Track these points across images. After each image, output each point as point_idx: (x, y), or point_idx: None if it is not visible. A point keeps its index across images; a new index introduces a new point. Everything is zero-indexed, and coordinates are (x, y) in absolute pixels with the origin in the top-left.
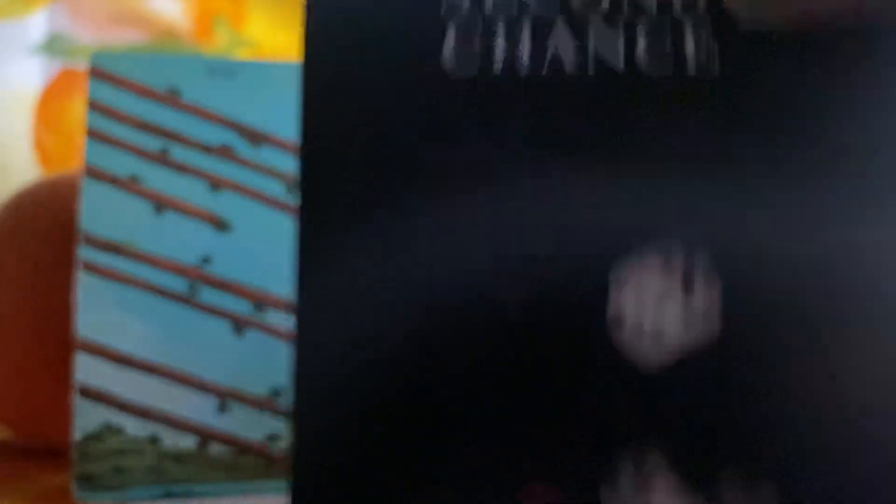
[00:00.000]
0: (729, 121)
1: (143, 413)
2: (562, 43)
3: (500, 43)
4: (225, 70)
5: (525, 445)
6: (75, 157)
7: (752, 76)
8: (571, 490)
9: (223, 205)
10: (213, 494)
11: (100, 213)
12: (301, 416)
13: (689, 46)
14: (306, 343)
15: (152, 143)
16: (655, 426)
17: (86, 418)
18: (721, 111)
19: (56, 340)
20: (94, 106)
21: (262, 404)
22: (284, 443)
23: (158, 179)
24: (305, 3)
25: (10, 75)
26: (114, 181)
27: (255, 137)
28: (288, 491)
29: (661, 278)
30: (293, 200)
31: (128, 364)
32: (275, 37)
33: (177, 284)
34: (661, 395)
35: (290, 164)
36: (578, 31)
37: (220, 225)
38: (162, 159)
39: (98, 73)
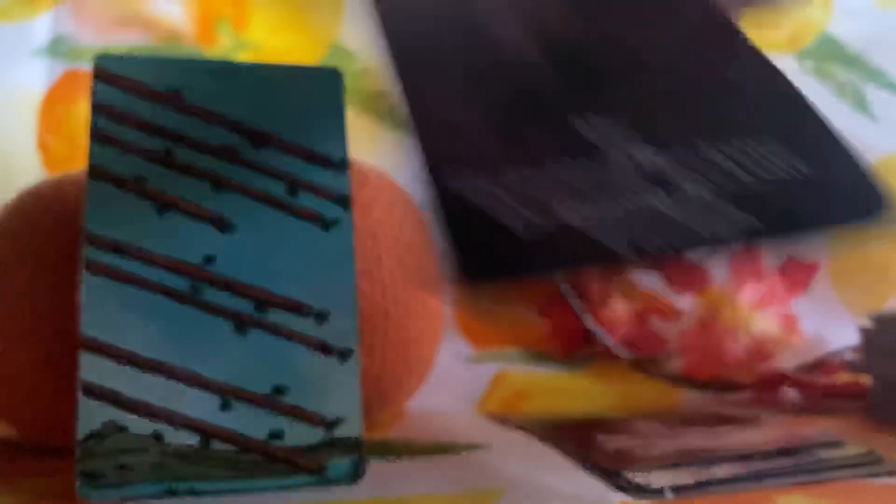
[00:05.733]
0: None
1: (146, 411)
2: None
3: None
4: (227, 72)
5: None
6: (79, 157)
7: None
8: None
9: (226, 205)
10: (215, 492)
11: (104, 213)
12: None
13: None
14: None
15: (156, 144)
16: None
17: (90, 416)
18: None
19: (60, 339)
20: (98, 107)
21: (264, 402)
22: (286, 441)
23: (162, 180)
24: None
25: (14, 77)
26: (118, 181)
27: (258, 138)
28: None
29: None
30: (295, 201)
31: (131, 362)
32: (277, 39)
33: (180, 284)
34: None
35: (291, 165)
36: None
37: (223, 225)
38: (165, 160)
39: (102, 75)
